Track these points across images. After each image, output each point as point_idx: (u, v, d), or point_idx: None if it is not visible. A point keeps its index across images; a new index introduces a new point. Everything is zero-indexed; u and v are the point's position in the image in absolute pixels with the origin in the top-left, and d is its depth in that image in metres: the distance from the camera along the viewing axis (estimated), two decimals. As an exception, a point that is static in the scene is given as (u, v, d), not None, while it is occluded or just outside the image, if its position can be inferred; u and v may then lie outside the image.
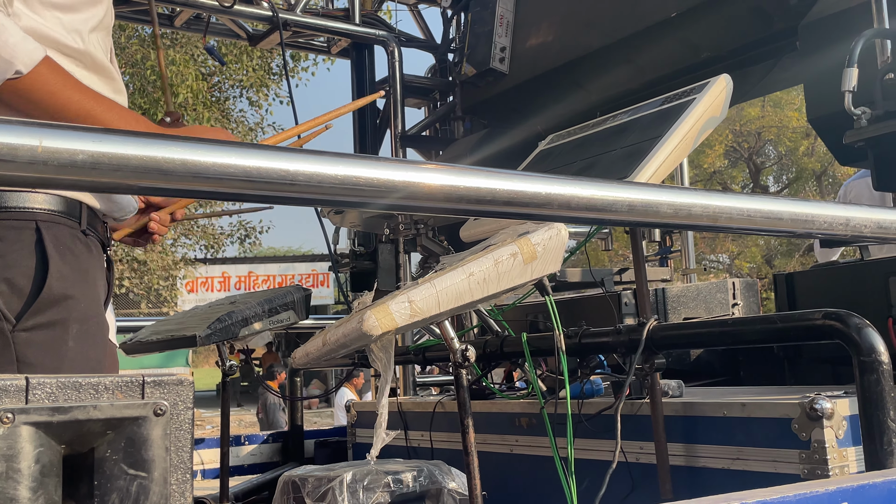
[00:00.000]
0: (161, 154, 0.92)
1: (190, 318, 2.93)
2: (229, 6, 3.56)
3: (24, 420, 0.82)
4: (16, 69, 1.28)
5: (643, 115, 2.19)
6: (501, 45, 3.90)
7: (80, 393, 0.86)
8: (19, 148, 0.85)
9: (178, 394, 0.91)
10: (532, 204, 1.17)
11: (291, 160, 1.00)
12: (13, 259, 1.36)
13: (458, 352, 1.91)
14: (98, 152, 0.89)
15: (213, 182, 0.96)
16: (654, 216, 1.28)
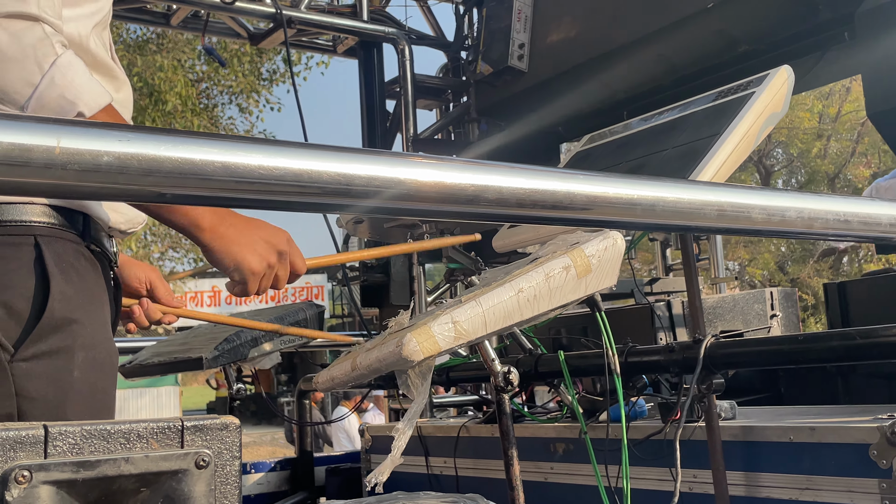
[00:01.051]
0: (199, 156, 0.81)
1: (194, 339, 2.81)
2: (230, 3, 3.47)
3: (44, 479, 0.71)
4: (78, 111, 1.23)
5: (695, 111, 2.09)
6: (520, 42, 3.80)
7: (108, 443, 0.75)
8: (34, 149, 0.74)
9: (222, 441, 0.80)
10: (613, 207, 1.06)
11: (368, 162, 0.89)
12: (10, 280, 1.29)
13: (500, 374, 1.82)
14: (126, 154, 0.78)
15: (259, 187, 0.84)
16: (745, 222, 1.17)
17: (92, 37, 1.46)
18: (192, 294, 22.44)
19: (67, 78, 1.23)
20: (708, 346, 1.99)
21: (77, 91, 1.23)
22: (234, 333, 2.60)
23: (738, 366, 2.27)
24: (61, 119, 0.76)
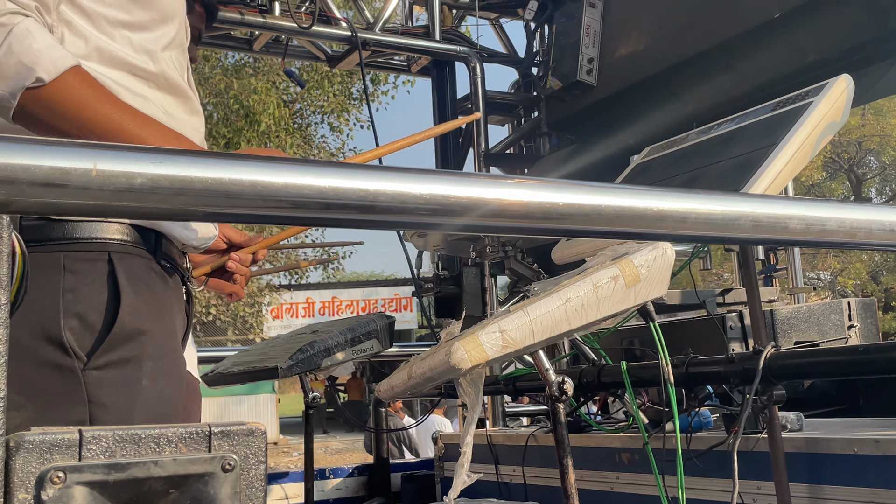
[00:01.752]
0: (228, 175, 0.83)
1: (271, 349, 2.88)
2: (307, 28, 3.54)
3: (77, 479, 0.74)
4: (36, 76, 1.22)
5: (752, 122, 2.05)
6: (589, 57, 3.78)
7: (139, 447, 0.78)
8: (72, 172, 0.77)
9: (248, 446, 0.82)
10: (641, 221, 1.05)
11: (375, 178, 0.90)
12: (85, 293, 1.31)
13: (555, 384, 1.79)
14: (158, 175, 0.80)
15: (286, 205, 0.86)
16: (782, 233, 1.14)
17: (162, 58, 1.49)
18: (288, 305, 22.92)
19: (24, 44, 1.22)
20: (768, 356, 1.94)
21: (35, 57, 1.22)
22: (307, 344, 2.65)
23: (797, 377, 2.21)
24: (99, 144, 0.79)
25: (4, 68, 1.20)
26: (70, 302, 1.30)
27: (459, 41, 4.09)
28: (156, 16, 1.47)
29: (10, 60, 1.20)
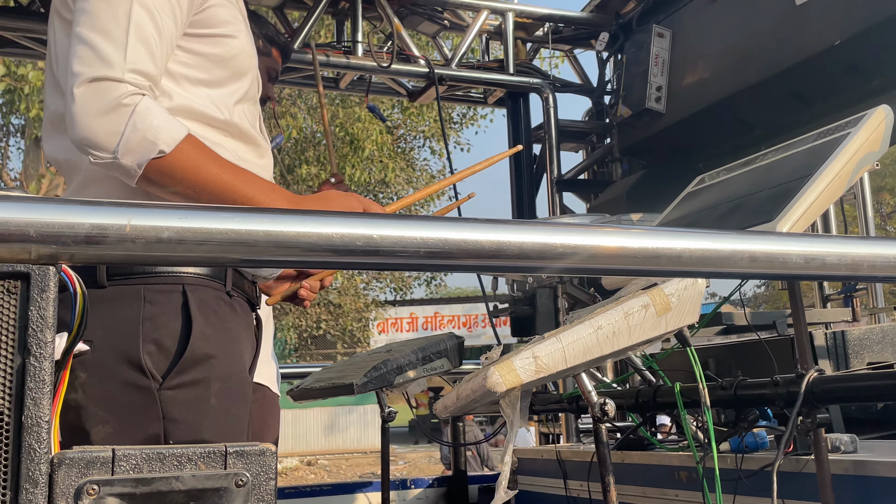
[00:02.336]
0: (244, 227, 0.92)
1: (349, 367, 2.98)
2: (387, 66, 3.66)
3: (109, 492, 0.83)
4: (159, 149, 1.34)
5: (795, 152, 2.04)
6: (657, 85, 3.78)
7: (163, 464, 0.87)
8: (109, 227, 0.87)
9: (260, 464, 0.90)
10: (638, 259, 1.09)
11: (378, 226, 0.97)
12: (161, 321, 1.40)
13: (597, 405, 1.83)
14: (183, 228, 0.89)
15: (297, 251, 0.95)
16: (780, 267, 1.16)
17: (235, 111, 1.59)
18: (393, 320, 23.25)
19: (146, 121, 1.33)
20: (810, 381, 1.92)
21: (156, 132, 1.33)
22: (381, 362, 2.74)
23: (840, 400, 2.17)
24: (132, 203, 0.89)
25: (131, 143, 1.32)
26: (148, 329, 1.38)
27: (533, 73, 4.14)
28: (230, 74, 1.57)
29: (135, 136, 1.32)
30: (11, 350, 0.83)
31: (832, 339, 3.32)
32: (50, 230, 0.84)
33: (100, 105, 1.33)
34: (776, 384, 2.04)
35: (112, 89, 1.34)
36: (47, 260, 0.85)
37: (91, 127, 1.33)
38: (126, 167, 1.34)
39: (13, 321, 0.83)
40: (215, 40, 1.53)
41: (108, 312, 1.35)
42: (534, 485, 3.49)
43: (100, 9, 1.39)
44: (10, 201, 0.84)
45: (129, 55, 1.37)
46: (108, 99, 1.33)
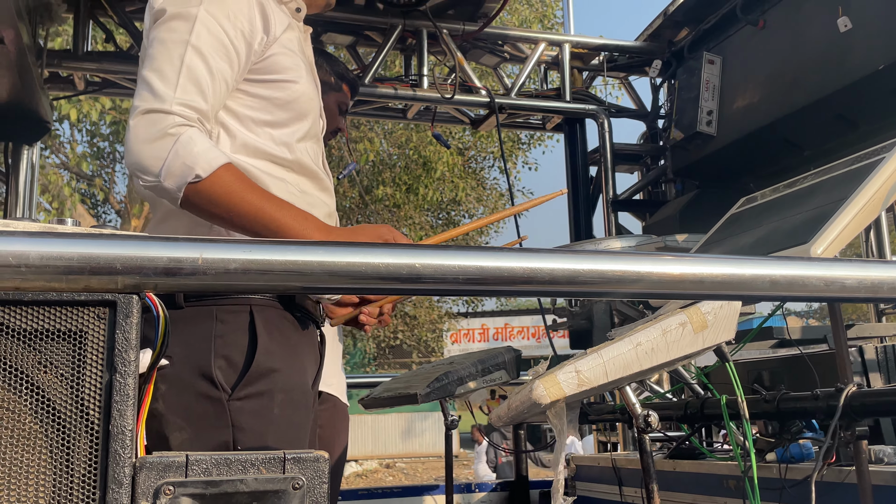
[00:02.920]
0: (301, 258, 0.98)
1: (415, 377, 3.04)
2: (450, 97, 3.72)
3: (183, 492, 0.90)
4: (196, 173, 1.39)
5: (832, 175, 2.02)
6: (708, 109, 3.75)
7: (230, 468, 0.93)
8: (183, 261, 0.93)
9: (314, 469, 0.95)
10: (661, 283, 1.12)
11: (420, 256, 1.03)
12: (231, 339, 1.47)
13: (641, 417, 1.84)
14: (248, 259, 0.96)
15: (347, 279, 1.01)
16: (800, 290, 1.17)
17: (298, 148, 1.64)
18: (465, 331, 23.28)
19: (187, 149, 1.39)
20: (849, 395, 1.90)
21: (195, 158, 1.39)
22: (443, 374, 2.79)
23: (878, 414, 2.13)
24: (203, 238, 0.96)
25: (173, 168, 1.39)
26: (219, 346, 1.45)
27: (589, 100, 4.15)
28: (292, 116, 1.63)
29: (176, 162, 1.39)
30: (101, 368, 0.90)
31: (883, 352, 3.24)
32: (133, 263, 0.91)
33: (149, 133, 1.40)
34: (816, 398, 2.02)
35: (161, 120, 1.41)
36: (131, 289, 0.92)
37: (140, 153, 1.40)
38: (168, 190, 1.40)
39: (102, 343, 0.91)
40: (278, 85, 1.59)
41: (185, 330, 1.41)
42: (591, 490, 3.48)
43: (159, 53, 1.48)
44: (100, 238, 0.91)
45: (178, 91, 1.44)
46: (157, 128, 1.40)
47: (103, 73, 3.60)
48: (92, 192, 15.69)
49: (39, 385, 0.90)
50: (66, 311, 0.91)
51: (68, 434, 0.89)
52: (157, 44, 1.49)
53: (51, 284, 0.88)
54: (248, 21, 1.54)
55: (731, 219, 2.28)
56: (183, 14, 1.49)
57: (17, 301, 0.90)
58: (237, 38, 1.53)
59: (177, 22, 1.49)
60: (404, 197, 15.71)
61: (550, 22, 15.06)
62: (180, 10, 1.50)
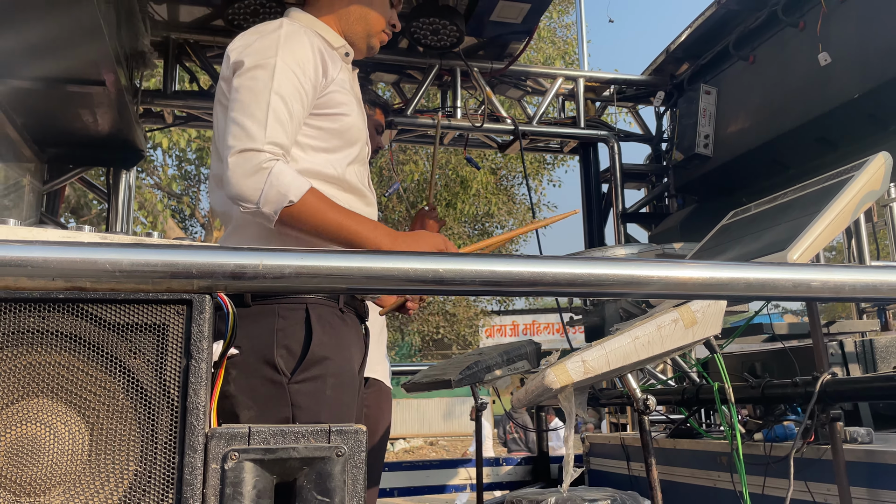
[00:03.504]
0: (344, 264, 1.02)
1: (449, 365, 3.06)
2: (480, 125, 3.75)
3: (246, 458, 0.93)
4: (289, 199, 1.45)
5: (808, 192, 2.01)
6: (705, 134, 3.73)
7: (284, 438, 0.96)
8: (247, 266, 0.97)
9: (354, 440, 0.98)
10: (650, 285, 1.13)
11: (442, 262, 1.06)
12: (290, 332, 1.51)
13: (640, 401, 1.85)
14: (300, 265, 1.00)
15: (383, 282, 1.04)
16: (772, 290, 1.18)
17: (348, 170, 1.68)
18: (498, 327, 23.21)
19: (280, 180, 1.45)
20: (823, 382, 1.88)
21: (287, 187, 1.45)
22: (474, 363, 2.81)
23: (849, 399, 2.10)
24: (262, 248, 1.00)
25: (269, 196, 1.45)
26: (281, 337, 1.49)
27: (601, 126, 4.15)
28: (344, 143, 1.67)
29: (272, 191, 1.45)
30: (179, 355, 0.95)
31: (861, 346, 3.19)
32: (206, 269, 0.95)
33: (246, 169, 1.46)
34: (796, 385, 2.01)
35: (255, 157, 1.46)
36: (204, 290, 0.97)
37: (241, 186, 1.45)
38: (266, 214, 1.46)
39: (180, 334, 0.95)
40: (332, 118, 1.63)
41: (252, 325, 1.46)
42: (603, 465, 3.48)
43: (248, 98, 1.52)
44: (179, 248, 0.96)
45: (267, 132, 1.49)
46: (253, 164, 1.46)
47: (188, 108, 3.69)
48: (181, 207, 16.03)
49: (130, 368, 0.94)
50: (152, 308, 0.95)
51: (153, 409, 0.93)
52: (245, 91, 1.53)
53: (139, 286, 0.93)
54: (312, 68, 1.59)
55: (722, 229, 2.27)
56: (263, 64, 1.53)
57: (112, 300, 0.95)
58: (306, 82, 1.57)
59: (259, 71, 1.53)
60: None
61: (571, 58, 15.01)
62: (260, 62, 1.54)
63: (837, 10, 3.00)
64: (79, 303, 0.94)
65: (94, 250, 0.94)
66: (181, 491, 0.92)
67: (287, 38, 1.56)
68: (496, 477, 3.71)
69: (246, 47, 1.57)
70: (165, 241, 1.09)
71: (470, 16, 3.48)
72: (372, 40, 1.81)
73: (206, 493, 0.93)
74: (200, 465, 0.91)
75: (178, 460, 0.91)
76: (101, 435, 0.93)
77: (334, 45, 1.74)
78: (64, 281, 0.93)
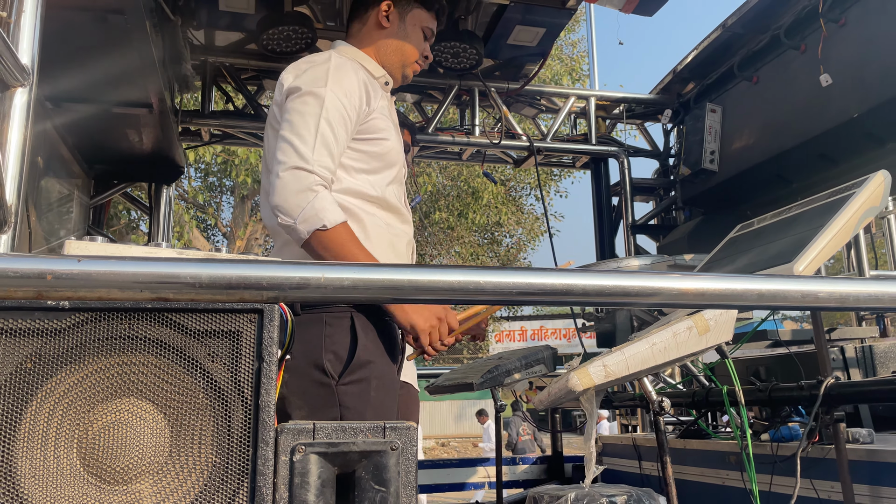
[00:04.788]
0: (394, 276, 1.09)
1: (470, 370, 3.12)
2: (497, 142, 3.83)
3: (311, 451, 1.00)
4: (323, 223, 1.51)
5: (812, 207, 2.06)
6: (711, 149, 3.79)
7: (345, 434, 1.03)
8: (310, 279, 1.05)
9: (407, 436, 1.05)
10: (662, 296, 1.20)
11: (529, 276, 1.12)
12: (337, 338, 1.57)
13: (656, 403, 1.90)
14: (356, 278, 1.06)
15: (426, 293, 1.11)
16: (782, 300, 1.24)
17: (387, 190, 1.74)
18: (507, 332, 23.22)
19: (320, 205, 1.51)
20: (827, 386, 1.93)
21: (325, 213, 1.51)
22: (494, 366, 2.86)
23: (851, 401, 2.14)
24: (325, 262, 1.08)
25: (307, 215, 1.51)
26: (329, 343, 1.55)
27: (611, 143, 4.21)
28: (383, 165, 1.74)
29: (311, 212, 1.51)
30: (252, 358, 1.01)
31: (861, 351, 3.23)
32: (275, 281, 1.02)
33: (297, 186, 1.52)
34: (802, 388, 2.05)
35: (306, 177, 1.53)
36: (273, 300, 1.04)
37: (287, 199, 1.52)
38: (299, 230, 1.52)
39: (254, 339, 1.02)
40: (374, 142, 1.70)
41: (302, 332, 1.50)
42: (615, 464, 3.52)
43: (298, 121, 1.59)
44: (250, 263, 1.03)
45: (315, 154, 1.55)
46: (304, 184, 1.52)
47: (224, 127, 3.79)
48: (204, 218, 16.17)
49: (208, 370, 1.01)
50: (228, 316, 1.01)
51: (229, 406, 0.99)
52: (296, 114, 1.60)
53: (216, 296, 1.00)
54: (357, 97, 1.66)
55: (730, 241, 2.33)
56: (315, 92, 1.61)
57: (193, 309, 1.01)
58: (352, 110, 1.64)
59: (310, 97, 1.60)
60: (456, 220, 15.87)
61: (578, 74, 15.07)
62: (312, 89, 1.61)
63: (837, 34, 3.05)
64: (163, 312, 1.01)
65: (176, 265, 1.01)
66: (255, 480, 0.98)
67: (336, 70, 1.63)
68: (513, 475, 3.76)
69: (299, 75, 1.64)
70: (235, 255, 1.17)
71: (488, 39, 3.55)
72: (406, 70, 1.89)
73: (276, 483, 0.99)
74: (272, 458, 0.96)
75: (252, 453, 0.96)
76: (183, 430, 0.99)
77: (375, 74, 1.81)
78: (150, 292, 1.00)
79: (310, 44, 3.32)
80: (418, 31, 1.88)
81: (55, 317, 0.96)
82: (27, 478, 0.93)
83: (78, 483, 0.96)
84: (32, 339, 0.95)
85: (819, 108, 3.12)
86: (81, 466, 0.97)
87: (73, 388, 0.97)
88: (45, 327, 0.96)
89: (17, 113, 1.23)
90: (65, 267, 0.97)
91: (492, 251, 17.10)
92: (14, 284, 0.96)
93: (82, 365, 0.97)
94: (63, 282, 0.96)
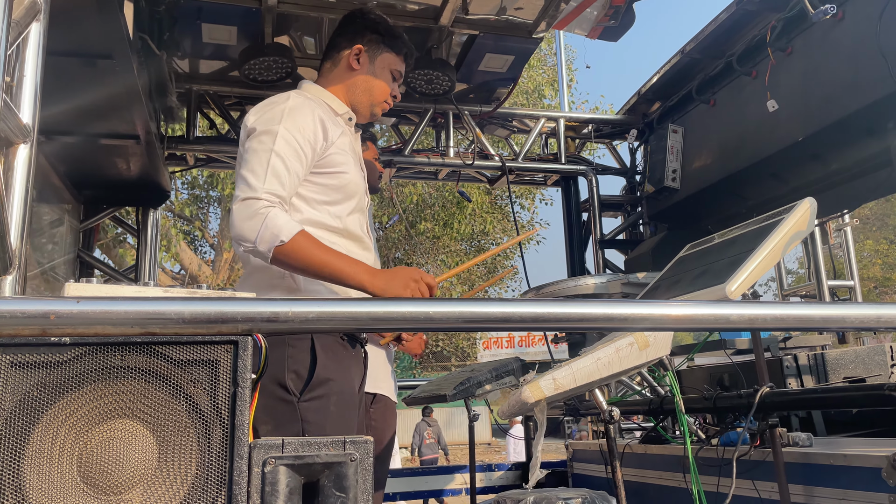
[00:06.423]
0: (354, 309, 1.25)
1: (445, 381, 3.27)
2: (471, 163, 3.99)
3: (280, 463, 1.14)
4: (280, 238, 1.60)
5: (748, 230, 2.24)
6: (673, 168, 3.97)
7: (310, 447, 1.18)
8: (279, 313, 1.19)
9: (364, 448, 1.19)
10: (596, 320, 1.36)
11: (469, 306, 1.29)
12: (299, 358, 1.68)
13: (606, 412, 2.06)
14: (320, 311, 1.21)
15: (381, 322, 1.27)
16: (694, 324, 1.41)
17: (349, 220, 1.85)
18: (495, 339, 23.33)
19: (274, 222, 1.60)
20: (762, 394, 2.10)
21: (279, 229, 1.59)
22: (466, 378, 3.01)
23: (785, 409, 2.31)
24: (291, 298, 1.22)
25: (264, 236, 1.61)
26: (291, 363, 1.66)
27: (580, 162, 4.38)
28: (343, 196, 1.85)
29: (266, 232, 1.61)
30: (228, 383, 1.16)
31: (813, 359, 3.40)
32: (247, 316, 1.17)
33: (247, 213, 1.63)
34: (741, 396, 2.22)
35: (253, 204, 1.63)
36: (246, 332, 1.19)
37: (241, 228, 1.62)
38: (262, 251, 1.62)
39: (230, 367, 1.16)
40: (332, 175, 1.81)
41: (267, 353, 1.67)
42: (585, 469, 3.68)
43: (252, 158, 1.71)
44: (227, 300, 1.18)
45: (265, 183, 1.66)
46: (252, 210, 1.62)
47: (208, 152, 3.93)
48: (191, 230, 16.24)
49: (191, 395, 1.15)
50: (207, 347, 1.14)
51: (208, 426, 1.13)
52: (251, 152, 1.72)
53: (197, 330, 1.15)
54: (312, 133, 1.78)
55: (679, 261, 2.50)
56: (269, 130, 1.73)
57: (177, 342, 1.16)
58: (305, 144, 1.75)
59: (265, 136, 1.73)
60: (442, 230, 16.04)
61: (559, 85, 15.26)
62: (267, 128, 1.74)
63: (784, 62, 3.25)
64: (151, 345, 1.15)
65: (162, 304, 1.16)
66: (231, 489, 1.13)
67: (291, 110, 1.75)
68: (489, 481, 3.90)
69: (259, 118, 1.77)
70: (213, 292, 1.32)
71: (460, 65, 3.72)
72: (375, 108, 2.03)
73: (250, 491, 1.13)
74: (246, 469, 1.07)
75: (229, 465, 1.07)
76: (169, 447, 1.14)
77: (339, 111, 1.94)
78: (140, 328, 1.15)
79: (290, 72, 3.48)
80: (387, 72, 2.03)
81: (57, 351, 1.11)
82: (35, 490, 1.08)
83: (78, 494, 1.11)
84: (38, 371, 1.10)
85: (769, 130, 3.31)
86: (81, 479, 1.11)
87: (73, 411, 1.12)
88: (48, 360, 1.11)
89: (20, 166, 1.38)
90: (65, 307, 1.11)
91: (477, 260, 17.23)
92: (21, 324, 1.11)
93: (81, 392, 1.12)
94: (64, 320, 1.11)
